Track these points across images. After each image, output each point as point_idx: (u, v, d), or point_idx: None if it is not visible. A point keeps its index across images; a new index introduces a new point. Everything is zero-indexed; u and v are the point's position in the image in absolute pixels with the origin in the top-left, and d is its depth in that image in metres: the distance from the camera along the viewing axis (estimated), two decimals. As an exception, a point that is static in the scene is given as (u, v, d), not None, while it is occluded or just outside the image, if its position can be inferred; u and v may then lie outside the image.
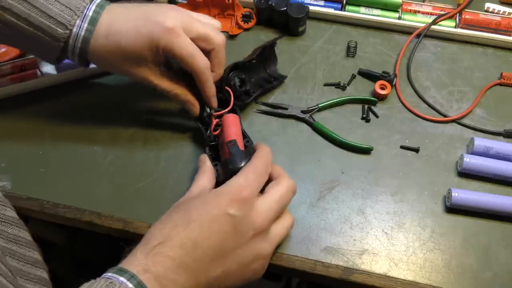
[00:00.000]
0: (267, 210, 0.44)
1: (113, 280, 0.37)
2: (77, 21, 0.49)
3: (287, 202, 0.47)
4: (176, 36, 0.49)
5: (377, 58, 0.68)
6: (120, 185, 0.56)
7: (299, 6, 0.67)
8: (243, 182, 0.44)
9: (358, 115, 0.62)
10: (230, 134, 0.52)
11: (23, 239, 0.52)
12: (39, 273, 0.52)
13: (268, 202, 0.45)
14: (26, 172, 0.57)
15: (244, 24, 0.70)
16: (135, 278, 0.37)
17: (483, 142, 0.57)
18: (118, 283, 0.37)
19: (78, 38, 0.50)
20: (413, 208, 0.54)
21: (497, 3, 0.73)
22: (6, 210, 0.50)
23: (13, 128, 0.60)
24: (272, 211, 0.45)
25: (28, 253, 0.52)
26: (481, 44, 0.69)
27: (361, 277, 0.50)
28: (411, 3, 0.72)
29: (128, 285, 0.37)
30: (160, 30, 0.49)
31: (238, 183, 0.44)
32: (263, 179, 0.46)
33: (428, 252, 0.51)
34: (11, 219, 0.50)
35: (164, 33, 0.49)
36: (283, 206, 0.47)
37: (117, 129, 0.60)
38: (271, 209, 0.45)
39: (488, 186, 0.56)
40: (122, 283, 0.37)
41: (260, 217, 0.44)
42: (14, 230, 0.50)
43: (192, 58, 0.50)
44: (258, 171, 0.46)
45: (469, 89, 0.65)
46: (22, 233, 0.52)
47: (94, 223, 0.53)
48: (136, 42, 0.49)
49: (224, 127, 0.54)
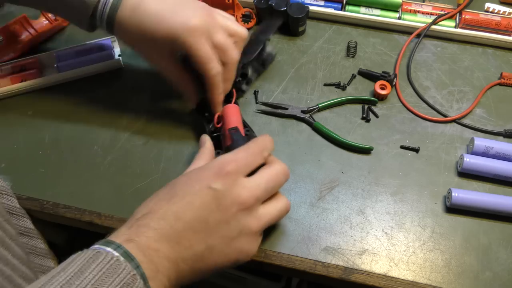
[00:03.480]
0: (253, 187, 0.43)
1: (100, 250, 0.38)
2: None
3: (277, 184, 0.46)
4: (197, 36, 0.49)
5: (377, 58, 0.68)
6: (120, 185, 0.56)
7: (299, 6, 0.67)
8: (230, 158, 0.44)
9: (358, 115, 0.62)
10: (231, 122, 0.54)
11: (32, 230, 0.52)
12: (50, 264, 0.53)
13: (255, 180, 0.44)
14: (26, 172, 0.57)
15: (244, 24, 0.70)
16: (121, 248, 0.38)
17: (483, 142, 0.57)
18: (105, 253, 0.37)
19: (106, 5, 0.50)
20: (413, 208, 0.54)
21: (497, 3, 0.73)
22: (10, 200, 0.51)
23: (13, 128, 0.60)
24: (259, 189, 0.44)
25: (38, 244, 0.52)
26: (481, 44, 0.69)
27: (361, 277, 0.50)
28: (411, 3, 0.72)
29: (114, 254, 0.37)
30: (183, 26, 0.49)
31: (225, 159, 0.44)
32: (254, 159, 0.45)
33: (428, 252, 0.51)
34: (14, 209, 0.51)
35: (185, 30, 0.49)
36: (273, 187, 0.45)
37: (117, 129, 0.60)
38: (259, 187, 0.44)
39: (488, 186, 0.56)
40: (109, 252, 0.37)
41: (245, 193, 0.43)
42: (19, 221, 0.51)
43: (206, 63, 0.51)
44: (249, 151, 0.45)
45: (469, 89, 0.65)
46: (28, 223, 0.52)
47: (94, 223, 0.53)
48: (156, 29, 0.50)
49: (225, 116, 0.55)
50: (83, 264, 0.36)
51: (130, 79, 0.65)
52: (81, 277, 0.35)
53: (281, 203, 0.47)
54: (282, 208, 0.47)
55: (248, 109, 0.62)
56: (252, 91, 0.64)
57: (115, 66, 0.66)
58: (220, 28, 0.52)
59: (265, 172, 0.45)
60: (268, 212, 0.45)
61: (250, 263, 0.51)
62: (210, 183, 0.42)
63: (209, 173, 0.43)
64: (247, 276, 0.89)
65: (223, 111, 0.56)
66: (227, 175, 0.43)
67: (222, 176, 0.42)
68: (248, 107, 0.62)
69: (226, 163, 0.44)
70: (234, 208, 0.42)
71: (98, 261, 0.36)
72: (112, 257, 0.37)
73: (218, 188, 0.42)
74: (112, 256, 0.37)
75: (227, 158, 0.44)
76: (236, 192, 0.42)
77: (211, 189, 0.42)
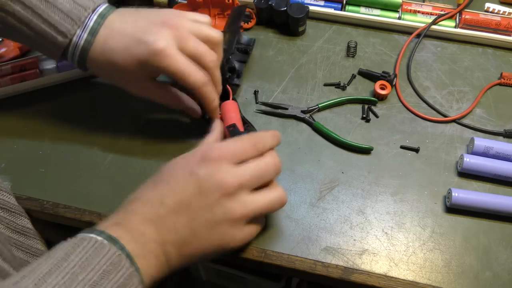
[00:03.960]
0: (239, 174, 0.43)
1: (83, 237, 0.39)
2: (78, 31, 0.50)
3: (266, 174, 0.45)
4: (166, 57, 0.48)
5: (377, 58, 0.68)
6: (120, 185, 0.56)
7: (299, 6, 0.67)
8: (216, 145, 0.45)
9: (358, 115, 0.62)
10: (229, 119, 0.54)
11: (29, 229, 0.52)
12: None
13: (242, 168, 0.44)
14: (26, 172, 0.57)
15: (244, 24, 0.70)
16: (104, 233, 0.40)
17: (483, 142, 0.57)
18: (88, 238, 0.39)
19: (78, 47, 0.50)
20: (413, 208, 0.54)
21: (497, 3, 0.73)
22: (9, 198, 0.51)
23: (13, 128, 0.60)
24: (245, 176, 0.43)
25: (35, 244, 0.53)
26: (481, 44, 0.69)
27: (361, 277, 0.50)
28: (411, 3, 0.72)
29: (98, 238, 0.39)
30: (149, 51, 0.48)
31: (211, 145, 0.45)
32: (243, 149, 0.45)
33: (428, 252, 0.51)
34: (14, 207, 0.51)
35: (152, 54, 0.48)
36: (260, 176, 0.45)
37: (117, 129, 0.60)
38: (244, 174, 0.44)
39: (488, 186, 0.56)
40: (92, 237, 0.39)
41: (229, 179, 0.43)
42: (18, 220, 0.51)
43: (187, 77, 0.49)
44: (240, 141, 0.46)
45: (469, 89, 0.65)
46: (27, 222, 0.52)
47: (94, 223, 0.53)
48: (125, 62, 0.49)
49: (223, 113, 0.55)
50: (68, 249, 0.38)
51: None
52: (67, 260, 0.37)
53: (274, 194, 0.46)
54: (275, 198, 0.46)
55: (248, 109, 0.62)
56: (252, 91, 0.64)
57: (115, 66, 0.66)
58: (190, 36, 0.50)
59: (254, 162, 0.45)
60: (256, 200, 0.44)
61: (250, 263, 0.51)
62: (193, 168, 0.43)
63: (193, 158, 0.44)
64: (247, 276, 0.89)
65: (221, 108, 0.56)
66: (211, 160, 0.43)
67: (205, 161, 0.43)
68: (248, 107, 0.62)
69: (211, 149, 0.45)
70: (217, 193, 0.43)
71: (83, 246, 0.38)
72: (96, 241, 0.39)
73: (200, 173, 0.43)
74: (96, 240, 0.39)
75: (214, 145, 0.46)
76: (218, 177, 0.43)
77: (194, 173, 0.43)
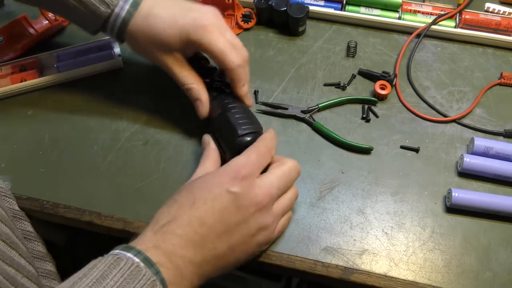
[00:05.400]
0: (268, 187, 0.46)
1: (120, 256, 0.39)
2: (120, 2, 0.51)
3: (290, 180, 0.48)
4: (210, 32, 0.51)
5: (377, 58, 0.68)
6: (120, 185, 0.56)
7: (299, 6, 0.67)
8: (244, 161, 0.46)
9: (358, 115, 0.62)
10: None
11: (30, 232, 0.52)
12: (49, 267, 0.53)
13: (269, 179, 0.46)
14: (26, 172, 0.57)
15: (244, 24, 0.70)
16: (142, 253, 0.39)
17: (483, 142, 0.57)
18: (125, 258, 0.38)
19: (118, 18, 0.52)
20: (413, 208, 0.54)
21: (497, 3, 0.73)
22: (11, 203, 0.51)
23: (13, 128, 0.60)
24: (273, 187, 0.46)
25: (37, 247, 0.53)
26: (481, 44, 0.69)
27: (361, 277, 0.50)
28: (411, 3, 0.72)
29: (134, 260, 0.38)
30: (194, 24, 0.50)
31: (239, 162, 0.46)
32: (264, 159, 0.47)
33: (428, 252, 0.51)
34: (15, 212, 0.51)
35: (198, 28, 0.50)
36: (286, 184, 0.48)
37: (117, 129, 0.60)
38: (272, 185, 0.46)
39: (488, 186, 0.56)
40: (129, 258, 0.38)
41: (261, 193, 0.45)
42: (19, 224, 0.51)
43: (226, 54, 0.51)
44: (260, 151, 0.47)
45: (469, 89, 0.65)
46: (27, 226, 0.52)
47: (94, 223, 0.53)
48: (170, 30, 0.51)
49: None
50: (105, 270, 0.37)
51: (130, 79, 0.65)
52: (103, 283, 0.36)
53: (290, 193, 0.49)
54: (292, 197, 0.49)
55: (248, 109, 0.62)
56: (252, 91, 0.64)
57: (115, 66, 0.66)
58: (229, 29, 0.53)
59: (277, 170, 0.47)
60: (282, 206, 0.48)
61: (250, 263, 0.51)
62: (229, 187, 0.44)
63: (226, 177, 0.45)
64: (247, 276, 0.89)
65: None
66: (244, 178, 0.44)
67: (239, 180, 0.44)
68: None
69: (241, 167, 0.45)
70: (252, 208, 0.44)
71: (119, 267, 0.37)
72: (133, 263, 0.38)
73: (237, 192, 0.44)
74: (133, 262, 0.38)
75: (241, 161, 0.46)
76: (253, 194, 0.44)
77: (230, 193, 0.44)
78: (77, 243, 0.88)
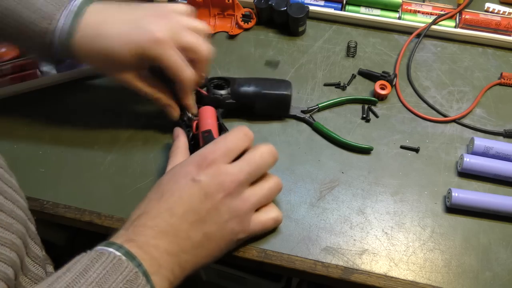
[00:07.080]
0: (236, 172, 0.45)
1: (102, 251, 0.40)
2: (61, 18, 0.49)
3: (263, 165, 0.47)
4: (165, 47, 0.50)
5: (377, 58, 0.68)
6: (120, 185, 0.56)
7: (299, 6, 0.67)
8: (209, 149, 0.46)
9: (358, 115, 0.62)
10: (205, 125, 0.54)
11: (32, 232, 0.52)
12: (49, 270, 0.53)
13: (238, 165, 0.46)
14: (26, 172, 0.57)
15: (244, 24, 0.70)
16: (123, 248, 0.40)
17: (483, 142, 0.57)
18: (107, 253, 0.39)
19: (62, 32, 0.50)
20: (413, 208, 0.54)
21: (497, 3, 0.73)
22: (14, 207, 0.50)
23: (13, 128, 0.60)
24: (242, 173, 0.45)
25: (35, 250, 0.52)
26: (481, 44, 0.69)
27: (361, 277, 0.50)
28: (411, 3, 0.72)
29: (116, 254, 0.39)
30: (150, 40, 0.49)
31: (204, 150, 0.46)
32: (234, 145, 0.47)
33: (428, 252, 0.51)
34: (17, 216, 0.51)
35: (154, 43, 0.49)
36: (257, 169, 0.47)
37: (117, 129, 0.60)
38: (241, 170, 0.45)
39: (488, 186, 0.56)
40: (111, 252, 0.39)
41: (228, 179, 0.45)
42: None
43: (179, 71, 0.51)
44: (228, 138, 0.47)
45: (469, 89, 0.65)
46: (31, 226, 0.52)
47: (94, 223, 0.53)
48: (124, 48, 0.50)
49: (200, 119, 0.55)
50: (87, 264, 0.38)
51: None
52: (85, 275, 0.37)
53: (270, 183, 0.48)
54: (272, 187, 0.48)
55: (248, 109, 0.62)
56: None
57: (115, 66, 0.66)
58: (185, 29, 0.52)
59: (248, 155, 0.47)
60: (255, 193, 0.47)
61: (250, 263, 0.51)
62: (194, 176, 0.44)
63: (192, 166, 0.45)
64: (247, 276, 0.90)
65: (199, 113, 0.56)
66: (209, 165, 0.45)
67: (204, 167, 0.45)
68: (248, 107, 0.62)
69: (206, 154, 0.46)
70: (220, 194, 0.44)
71: (101, 261, 0.38)
72: (115, 256, 0.39)
73: (202, 179, 0.44)
74: (115, 255, 0.39)
75: (207, 149, 0.47)
76: (219, 180, 0.44)
77: (196, 181, 0.44)
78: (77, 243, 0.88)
